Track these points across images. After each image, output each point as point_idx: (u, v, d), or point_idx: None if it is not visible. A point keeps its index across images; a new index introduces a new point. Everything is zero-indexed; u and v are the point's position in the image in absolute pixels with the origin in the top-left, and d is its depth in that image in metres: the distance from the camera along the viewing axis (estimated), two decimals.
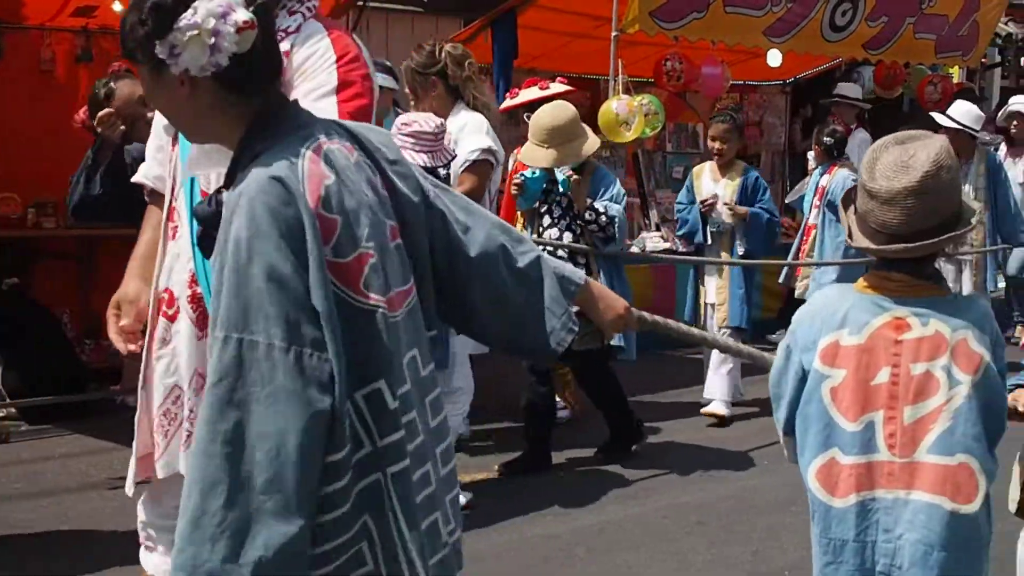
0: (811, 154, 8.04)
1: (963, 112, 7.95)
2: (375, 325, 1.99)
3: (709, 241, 6.90)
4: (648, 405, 7.00)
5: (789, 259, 7.98)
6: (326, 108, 2.82)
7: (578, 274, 2.46)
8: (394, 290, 2.05)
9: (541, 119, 5.65)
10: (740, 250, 6.81)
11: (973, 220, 2.52)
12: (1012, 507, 3.19)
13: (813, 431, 2.55)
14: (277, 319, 1.85)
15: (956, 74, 11.68)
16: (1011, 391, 3.15)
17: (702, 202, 6.80)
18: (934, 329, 2.46)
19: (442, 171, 4.97)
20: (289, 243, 1.88)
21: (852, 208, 2.63)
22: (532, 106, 6.11)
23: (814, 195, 7.78)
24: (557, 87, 6.44)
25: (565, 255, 5.60)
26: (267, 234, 1.87)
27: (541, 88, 6.38)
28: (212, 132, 2.09)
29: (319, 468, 1.88)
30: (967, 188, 7.84)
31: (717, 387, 6.83)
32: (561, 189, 5.75)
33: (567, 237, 5.74)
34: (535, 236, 5.82)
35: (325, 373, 1.88)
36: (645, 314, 2.70)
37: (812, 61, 10.55)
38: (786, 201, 9.08)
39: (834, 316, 2.55)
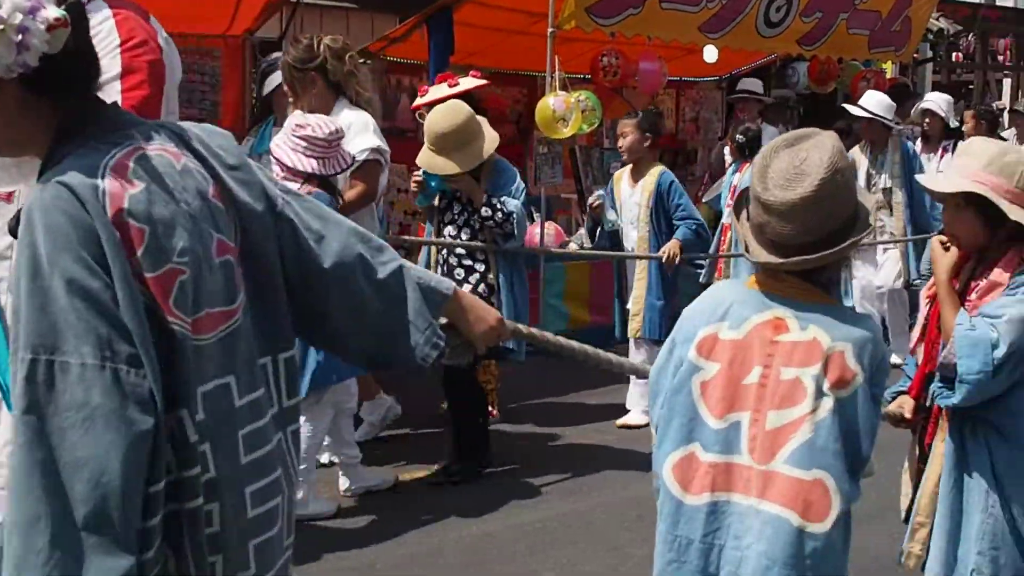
0: (727, 151, 8.12)
1: (876, 102, 8.00)
2: (178, 347, 1.81)
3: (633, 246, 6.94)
4: (586, 403, 7.01)
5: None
6: (107, 97, 2.65)
7: (445, 284, 2.32)
8: (205, 311, 1.86)
9: (434, 125, 5.41)
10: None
11: (871, 219, 2.48)
12: (902, 515, 3.27)
13: (676, 423, 2.44)
14: (87, 336, 1.69)
15: (889, 69, 11.82)
16: (894, 398, 3.20)
17: (590, 205, 6.92)
18: (812, 336, 2.36)
19: (340, 178, 4.86)
20: (91, 255, 1.72)
21: (745, 215, 2.53)
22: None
23: (728, 194, 7.84)
24: (469, 82, 6.19)
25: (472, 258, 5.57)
26: (66, 246, 1.71)
27: (450, 85, 6.11)
28: (19, 141, 1.89)
29: (141, 496, 1.73)
30: (884, 177, 7.95)
31: (636, 397, 6.72)
32: (435, 187, 5.61)
33: (465, 234, 5.60)
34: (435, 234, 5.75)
35: (144, 391, 1.73)
36: (520, 326, 2.61)
37: (748, 57, 10.59)
38: (703, 200, 9.13)
39: (717, 309, 2.47)
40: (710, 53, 9.32)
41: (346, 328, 2.20)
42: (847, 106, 8.22)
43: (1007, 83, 17.47)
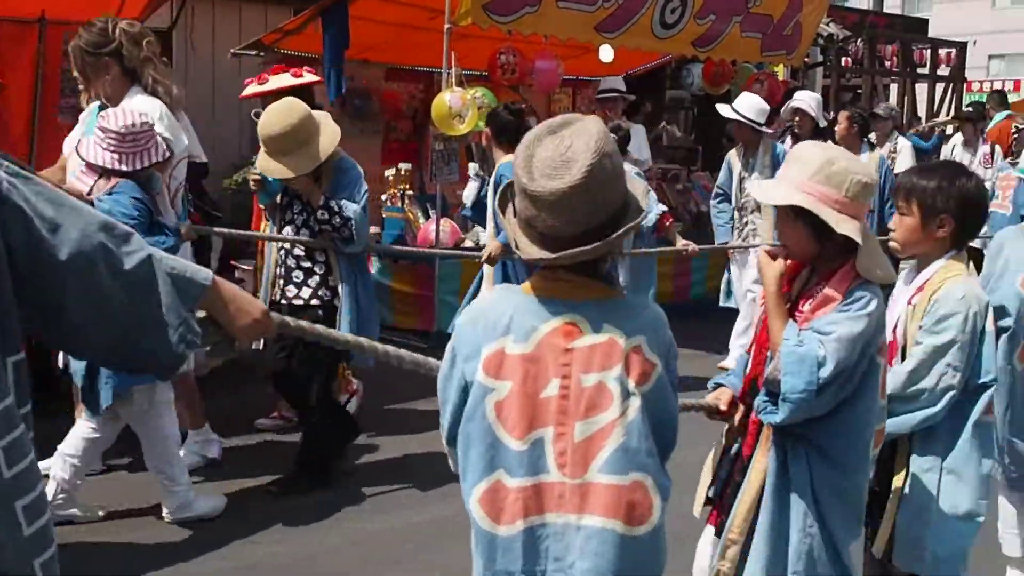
0: None
1: (747, 105, 7.94)
2: None
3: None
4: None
5: None
6: None
7: (202, 274, 2.14)
8: None
9: (267, 127, 5.07)
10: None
11: (644, 206, 2.32)
12: (697, 509, 3.17)
13: (476, 452, 2.25)
14: None
15: (781, 72, 12.03)
16: (714, 388, 3.17)
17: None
18: (607, 336, 2.22)
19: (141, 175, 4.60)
20: None
21: (511, 211, 2.35)
22: (271, 99, 5.53)
23: None
24: (309, 76, 5.96)
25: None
26: None
27: (295, 75, 5.86)
28: None
29: None
30: (755, 177, 7.81)
31: None
32: (275, 186, 5.42)
33: (304, 235, 5.35)
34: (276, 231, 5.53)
35: None
36: (288, 319, 2.49)
37: (644, 57, 10.72)
38: None
39: (499, 321, 2.26)
40: (606, 53, 9.39)
41: (85, 322, 1.98)
42: (720, 106, 8.18)
43: (894, 87, 17.95)
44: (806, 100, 9.05)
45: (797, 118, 9.04)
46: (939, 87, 17.60)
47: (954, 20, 38.63)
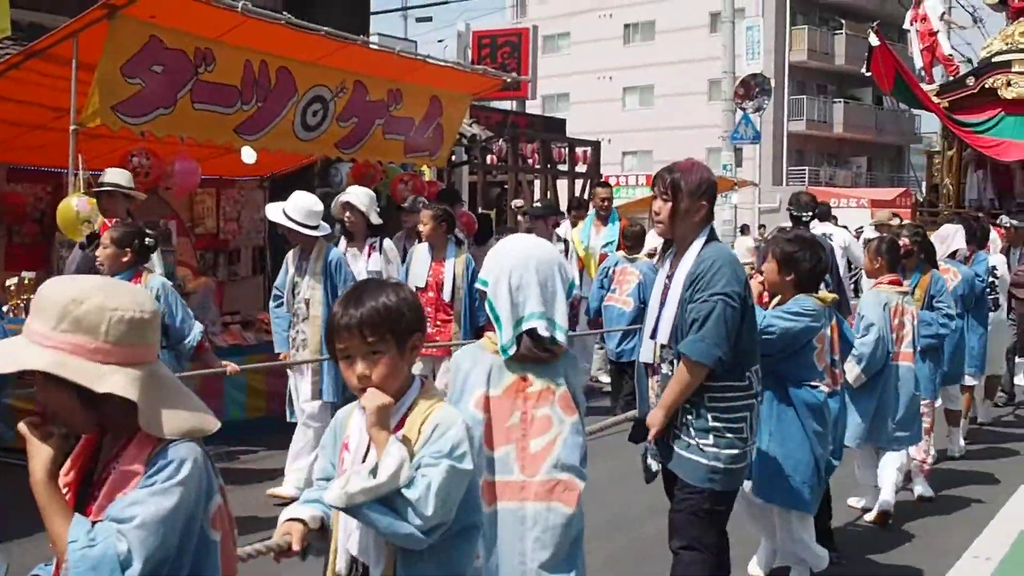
0: None
1: (297, 207, 6.99)
2: None
3: None
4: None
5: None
6: None
7: None
8: None
9: None
10: None
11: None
12: None
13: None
14: None
15: (428, 172, 12.30)
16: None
17: None
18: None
19: None
20: None
21: None
22: None
23: None
24: None
25: None
26: None
27: None
28: None
29: None
30: (306, 285, 6.97)
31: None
32: None
33: None
34: None
35: None
36: None
37: (289, 157, 10.60)
38: None
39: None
40: (248, 154, 9.21)
41: None
42: (269, 208, 7.35)
43: (537, 183, 18.81)
44: (356, 195, 8.28)
45: (348, 213, 8.22)
46: (579, 182, 18.63)
47: (590, 120, 41.31)
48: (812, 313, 4.93)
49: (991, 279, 9.24)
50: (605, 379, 10.92)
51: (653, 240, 10.03)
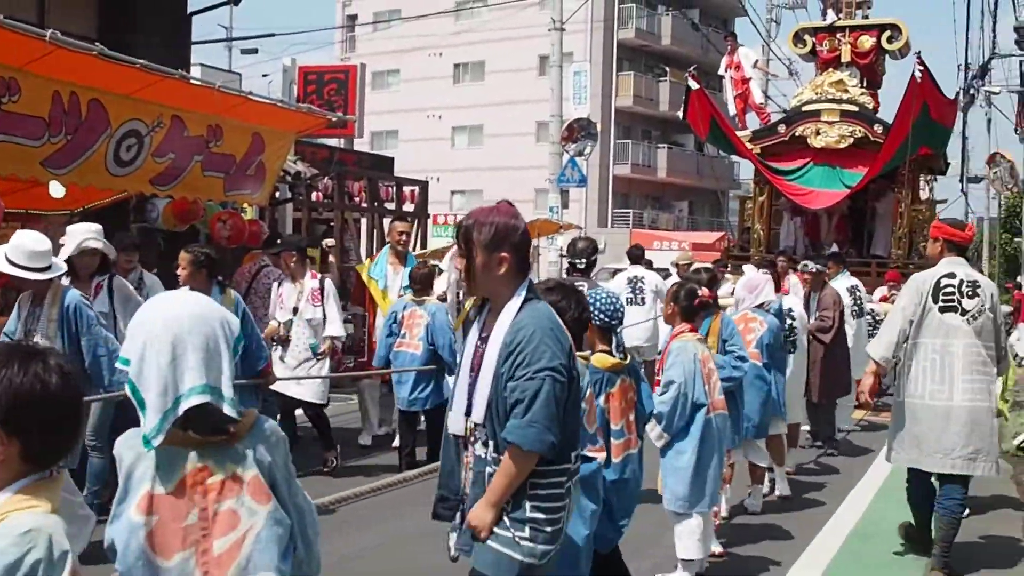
0: None
1: (17, 250, 6.33)
2: None
3: None
4: None
5: None
6: None
7: None
8: None
9: None
10: None
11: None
12: None
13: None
14: None
15: (250, 211, 12.02)
16: None
17: None
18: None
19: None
20: None
21: None
22: None
23: None
24: None
25: None
26: None
27: None
28: None
29: None
30: (39, 335, 6.36)
31: None
32: None
33: None
34: None
35: None
36: None
37: (101, 191, 10.17)
38: None
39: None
40: (56, 189, 8.80)
41: None
42: None
43: (364, 221, 18.63)
44: (79, 230, 7.57)
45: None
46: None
47: (420, 158, 41.39)
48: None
49: (789, 322, 9.28)
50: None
51: (443, 284, 9.99)
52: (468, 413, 3.73)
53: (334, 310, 9.43)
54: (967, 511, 7.16)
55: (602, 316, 5.14)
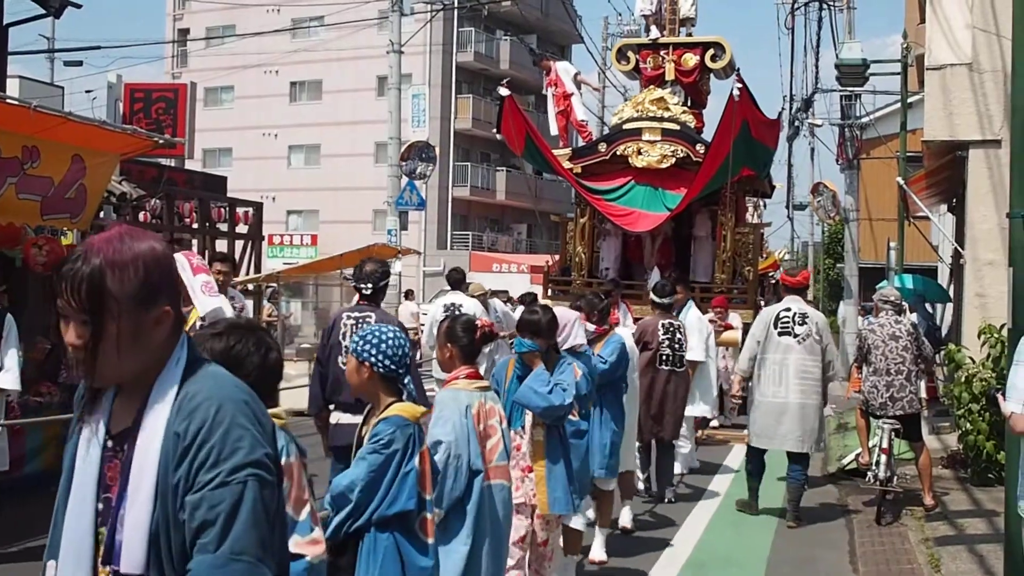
0: None
1: None
2: None
3: None
4: None
5: None
6: None
7: None
8: None
9: None
10: None
11: None
12: None
13: None
14: None
15: (71, 235, 11.39)
16: None
17: None
18: None
19: None
20: None
21: None
22: None
23: None
24: None
25: None
26: None
27: None
28: None
29: None
30: None
31: None
32: None
33: None
34: None
35: None
36: None
37: None
38: None
39: None
40: None
41: None
42: None
43: (195, 243, 18.03)
44: None
45: None
46: (239, 243, 18.02)
47: (255, 177, 40.56)
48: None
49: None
50: None
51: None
52: (108, 563, 2.29)
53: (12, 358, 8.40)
54: (805, 485, 9.48)
55: (386, 362, 4.13)
